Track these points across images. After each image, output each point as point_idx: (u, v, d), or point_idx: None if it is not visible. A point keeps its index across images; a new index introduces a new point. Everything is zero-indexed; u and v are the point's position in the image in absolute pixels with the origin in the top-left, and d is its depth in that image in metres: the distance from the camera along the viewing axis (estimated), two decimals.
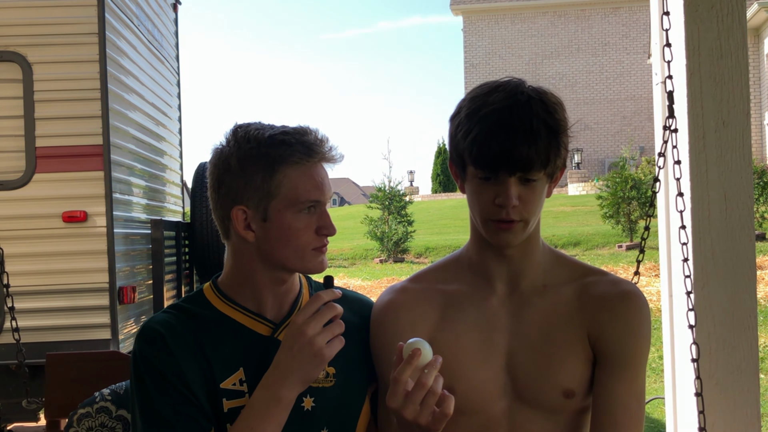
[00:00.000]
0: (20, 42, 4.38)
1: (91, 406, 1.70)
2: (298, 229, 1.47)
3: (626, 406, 1.50)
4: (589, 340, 1.53)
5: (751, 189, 1.92)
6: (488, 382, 1.52)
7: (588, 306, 1.54)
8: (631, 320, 1.53)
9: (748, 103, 1.89)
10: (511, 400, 1.53)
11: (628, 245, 12.72)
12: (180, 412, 1.42)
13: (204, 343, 1.48)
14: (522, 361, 1.53)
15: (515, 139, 1.41)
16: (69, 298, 4.31)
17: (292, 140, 1.47)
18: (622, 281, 1.58)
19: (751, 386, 1.91)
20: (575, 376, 1.52)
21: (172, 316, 1.51)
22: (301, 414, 1.50)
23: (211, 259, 5.89)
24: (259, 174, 1.46)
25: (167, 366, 1.44)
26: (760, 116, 19.44)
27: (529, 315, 1.54)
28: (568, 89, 30.51)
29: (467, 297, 1.57)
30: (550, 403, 1.52)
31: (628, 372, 1.52)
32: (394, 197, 15.26)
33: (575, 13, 30.55)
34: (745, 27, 1.90)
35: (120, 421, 1.68)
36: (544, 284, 1.56)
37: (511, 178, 1.43)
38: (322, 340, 1.39)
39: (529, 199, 1.46)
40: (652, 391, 5.87)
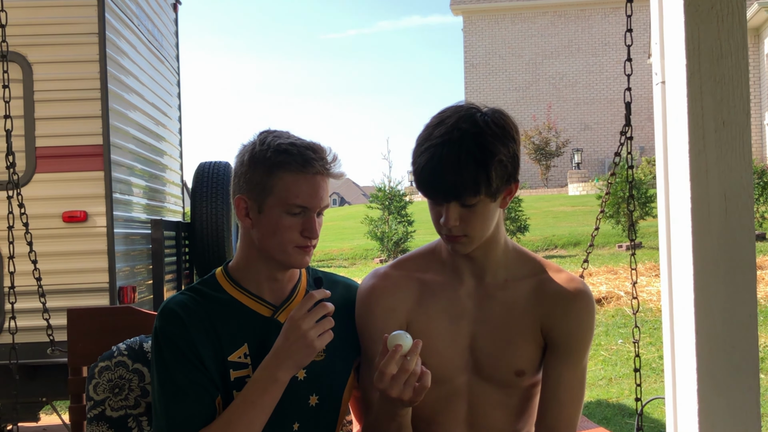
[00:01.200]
0: (20, 42, 4.38)
1: (110, 360, 1.91)
2: (284, 226, 1.72)
3: (570, 387, 1.78)
4: (541, 330, 1.79)
5: (751, 189, 1.92)
6: (454, 358, 1.79)
7: (543, 301, 1.79)
8: (579, 315, 1.79)
9: (748, 103, 1.89)
10: (471, 374, 1.80)
11: (628, 245, 12.72)
12: (192, 380, 1.68)
13: (215, 322, 1.73)
14: (483, 343, 1.79)
15: (443, 173, 1.63)
16: (69, 298, 4.31)
17: (295, 151, 1.72)
18: (574, 279, 1.81)
19: (751, 386, 1.91)
20: (527, 358, 1.79)
21: (188, 297, 1.76)
22: (294, 382, 1.75)
23: (211, 259, 5.89)
24: (260, 172, 1.72)
25: (183, 341, 1.69)
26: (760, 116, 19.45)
27: (491, 306, 1.80)
28: (568, 89, 30.52)
29: (440, 287, 1.82)
30: (503, 379, 1.80)
31: (573, 358, 1.78)
32: (394, 197, 15.27)
33: (575, 13, 30.56)
34: (745, 27, 1.90)
35: (136, 373, 1.90)
36: (506, 279, 1.81)
37: (450, 204, 1.67)
38: (314, 334, 1.65)
39: (470, 219, 1.68)
40: (652, 391, 5.88)
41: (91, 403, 1.90)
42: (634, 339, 2.63)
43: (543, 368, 1.81)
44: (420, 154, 1.67)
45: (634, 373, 2.61)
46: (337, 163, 1.77)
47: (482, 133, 1.65)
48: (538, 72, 30.70)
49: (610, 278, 9.96)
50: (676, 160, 1.95)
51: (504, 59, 30.88)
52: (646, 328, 7.63)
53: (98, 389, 1.90)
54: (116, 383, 1.89)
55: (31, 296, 3.58)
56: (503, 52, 30.88)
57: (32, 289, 3.50)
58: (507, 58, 30.88)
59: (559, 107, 30.08)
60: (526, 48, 30.83)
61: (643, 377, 5.65)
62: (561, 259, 13.03)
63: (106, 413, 1.88)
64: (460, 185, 1.64)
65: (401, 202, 15.18)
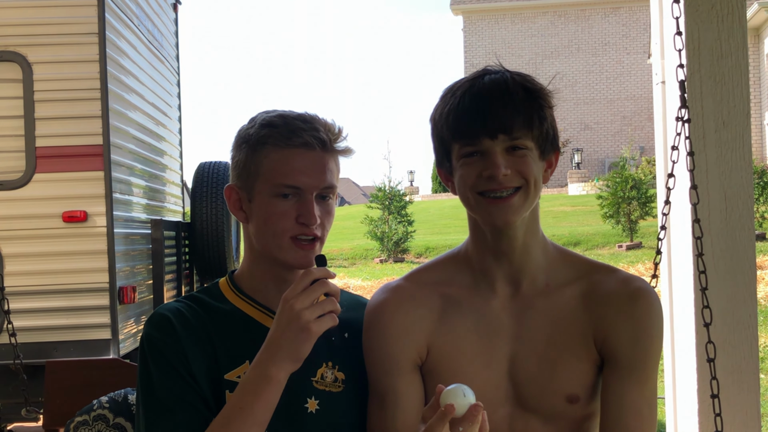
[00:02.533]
0: (20, 42, 4.38)
1: (89, 414, 1.67)
2: (276, 213, 1.45)
3: (638, 412, 1.43)
4: (594, 343, 1.46)
5: (751, 189, 1.92)
6: (489, 388, 1.44)
7: (594, 306, 1.46)
8: (641, 320, 1.45)
9: (748, 103, 1.89)
10: (512, 406, 1.47)
11: (628, 245, 12.71)
12: (182, 398, 1.41)
13: (213, 334, 1.47)
14: (524, 366, 1.46)
15: (490, 99, 1.38)
16: (69, 298, 4.31)
17: (280, 122, 1.46)
18: (633, 278, 1.50)
19: (751, 386, 1.91)
20: (579, 380, 1.46)
21: (184, 305, 1.50)
22: (303, 415, 1.47)
23: (211, 259, 5.89)
24: (243, 153, 1.48)
25: (173, 352, 1.43)
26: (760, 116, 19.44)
27: (531, 318, 1.47)
28: (568, 89, 30.50)
29: (467, 299, 1.49)
30: (552, 409, 1.46)
31: (638, 375, 1.44)
32: (394, 197, 15.26)
33: (575, 13, 30.54)
34: (745, 27, 1.90)
35: (117, 429, 1.66)
36: (546, 284, 1.48)
37: (497, 146, 1.38)
38: (310, 314, 1.33)
39: (522, 167, 1.39)
40: None
41: None
42: None
43: (602, 392, 1.47)
44: (450, 98, 1.42)
45: None
46: (340, 137, 1.48)
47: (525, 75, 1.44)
48: (538, 72, 30.55)
49: None
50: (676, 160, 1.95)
51: (504, 59, 30.26)
52: None
53: None
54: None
55: (32, 296, 3.58)
56: (503, 52, 30.86)
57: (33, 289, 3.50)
58: (507, 59, 30.79)
59: (559, 107, 29.81)
60: (526, 48, 30.83)
61: None
62: None
63: None
64: (512, 113, 1.37)
65: (401, 202, 15.17)
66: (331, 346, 1.53)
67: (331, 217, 1.51)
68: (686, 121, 1.88)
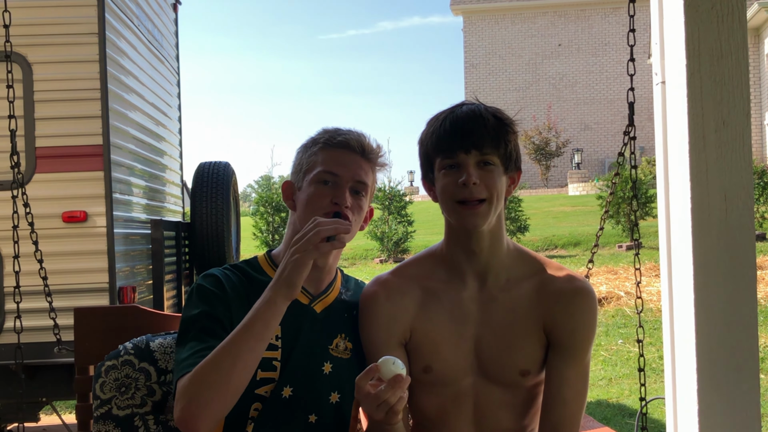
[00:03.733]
0: (20, 42, 4.37)
1: (117, 359, 1.92)
2: (315, 195, 1.78)
3: (573, 385, 1.80)
4: (544, 329, 1.81)
5: (751, 189, 1.92)
6: (458, 362, 1.81)
7: (545, 300, 1.80)
8: (582, 313, 1.80)
9: (748, 103, 1.89)
10: (476, 376, 1.82)
11: (628, 245, 12.73)
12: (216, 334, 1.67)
13: (252, 298, 1.69)
14: (487, 346, 1.81)
15: (467, 122, 1.72)
16: (69, 298, 4.30)
17: (332, 130, 1.84)
18: (575, 278, 1.83)
19: (751, 386, 1.91)
20: (531, 358, 1.81)
21: (231, 272, 1.80)
22: (320, 376, 1.80)
23: (211, 259, 5.88)
24: (300, 154, 1.85)
25: (220, 303, 1.72)
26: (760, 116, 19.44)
27: (494, 308, 1.81)
28: (568, 89, 30.51)
29: (443, 291, 1.83)
30: (509, 379, 1.81)
31: (576, 356, 1.80)
32: (394, 197, 15.27)
33: (575, 13, 30.56)
34: (745, 27, 1.90)
35: (142, 372, 1.91)
36: (507, 279, 1.82)
37: (470, 159, 1.71)
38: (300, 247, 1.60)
39: (489, 180, 1.72)
40: (652, 391, 5.88)
41: (97, 402, 1.90)
42: (638, 339, 2.62)
43: (546, 366, 1.83)
44: (436, 120, 1.77)
45: (639, 373, 2.61)
46: (381, 152, 1.85)
47: (497, 109, 1.78)
48: (538, 72, 30.69)
49: (610, 278, 9.97)
50: (676, 160, 1.95)
51: (504, 59, 30.88)
52: (646, 328, 7.63)
53: (105, 388, 1.90)
54: (123, 382, 1.90)
55: (32, 296, 3.58)
56: (503, 52, 30.88)
57: (33, 288, 3.49)
58: (507, 59, 30.88)
59: (559, 107, 30.08)
60: (526, 48, 30.84)
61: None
62: (561, 259, 13.02)
63: (112, 412, 1.89)
64: (483, 133, 1.71)
65: (401, 202, 15.19)
66: (345, 320, 1.88)
67: (361, 212, 1.84)
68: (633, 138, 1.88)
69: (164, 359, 1.93)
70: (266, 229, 15.44)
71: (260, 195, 16.09)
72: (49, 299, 3.28)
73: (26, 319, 3.20)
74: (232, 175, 6.24)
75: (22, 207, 3.16)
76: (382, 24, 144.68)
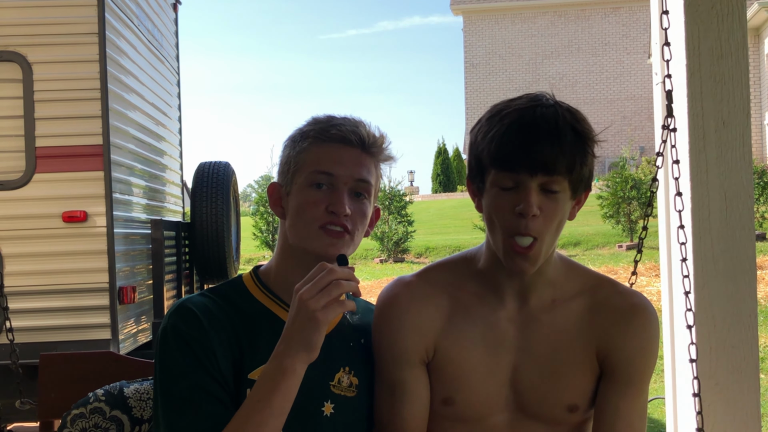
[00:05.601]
0: (20, 42, 4.38)
1: (85, 407, 1.68)
2: (308, 201, 1.48)
3: (630, 423, 1.50)
4: (597, 356, 1.52)
5: (751, 189, 1.92)
6: (490, 395, 1.50)
7: (598, 321, 1.51)
8: (641, 337, 1.51)
9: (748, 103, 1.89)
10: (512, 412, 1.52)
11: (628, 245, 12.72)
12: (207, 391, 1.41)
13: (239, 332, 1.47)
14: (527, 377, 1.51)
15: (538, 135, 1.37)
16: (69, 298, 4.31)
17: (324, 120, 1.52)
18: (633, 294, 1.55)
19: (751, 386, 1.91)
20: (581, 391, 1.52)
21: (210, 300, 1.49)
22: (320, 419, 1.49)
23: (211, 259, 5.88)
24: (288, 148, 1.53)
25: (200, 345, 1.42)
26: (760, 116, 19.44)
27: (537, 332, 1.51)
28: (568, 89, 30.49)
29: (475, 307, 1.52)
30: (552, 416, 1.51)
31: (633, 388, 1.51)
32: (394, 197, 15.27)
33: (575, 13, 30.54)
34: (745, 27, 1.90)
35: (114, 421, 1.67)
36: (553, 299, 1.52)
37: (533, 182, 1.38)
38: (315, 304, 1.33)
39: (551, 212, 1.40)
40: (652, 391, 5.87)
41: None
42: None
43: (597, 401, 1.52)
44: (497, 122, 1.40)
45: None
46: (384, 144, 1.53)
47: (575, 110, 1.44)
48: (538, 72, 30.69)
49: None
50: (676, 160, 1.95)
51: (504, 59, 30.88)
52: None
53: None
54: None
55: (32, 296, 3.58)
56: (503, 52, 30.88)
57: (33, 289, 3.49)
58: (507, 59, 30.88)
59: None
60: (526, 48, 30.83)
61: None
62: None
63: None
64: (557, 154, 1.36)
65: (401, 202, 15.18)
66: (349, 350, 1.56)
67: (364, 218, 1.53)
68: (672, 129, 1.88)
69: (139, 407, 1.69)
70: (266, 229, 15.44)
71: (260, 195, 16.10)
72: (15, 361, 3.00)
73: (26, 319, 3.20)
74: (232, 175, 6.24)
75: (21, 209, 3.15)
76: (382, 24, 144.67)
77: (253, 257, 15.75)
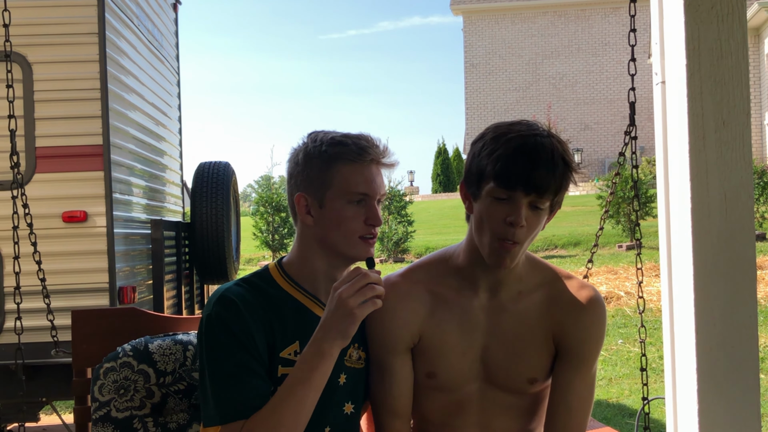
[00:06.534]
0: (20, 42, 4.37)
1: (115, 361, 1.91)
2: (347, 217, 1.73)
3: (580, 394, 1.79)
4: (553, 339, 1.80)
5: (751, 189, 1.92)
6: (465, 369, 1.80)
7: (555, 310, 1.79)
8: (591, 324, 1.80)
9: (748, 103, 1.89)
10: (482, 382, 1.81)
11: (628, 245, 12.73)
12: (248, 366, 1.65)
13: (271, 316, 1.71)
14: (495, 355, 1.80)
15: (537, 163, 1.63)
16: (69, 298, 4.30)
17: (349, 142, 1.74)
18: (585, 286, 1.82)
19: (751, 386, 1.91)
20: (539, 367, 1.81)
21: (245, 290, 1.73)
22: (336, 387, 1.77)
23: (211, 259, 5.88)
24: (317, 167, 1.74)
25: (241, 328, 1.66)
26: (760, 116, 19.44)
27: (504, 319, 1.79)
28: (568, 89, 30.50)
29: (453, 298, 1.81)
30: (515, 386, 1.81)
31: (583, 365, 1.80)
32: (394, 197, 15.27)
33: (575, 13, 30.55)
34: (745, 27, 1.90)
35: (141, 374, 1.90)
36: (519, 291, 1.80)
37: (525, 199, 1.65)
38: (353, 302, 1.60)
39: (533, 224, 1.68)
40: (652, 391, 5.88)
41: (96, 405, 1.89)
42: (640, 338, 2.63)
43: (553, 375, 1.82)
44: (502, 144, 1.65)
45: (641, 373, 2.61)
46: (389, 152, 1.79)
47: (563, 141, 1.71)
48: (538, 72, 30.70)
49: (610, 278, 9.97)
50: (676, 160, 1.95)
51: (504, 59, 30.88)
52: (647, 328, 7.63)
53: (103, 390, 1.89)
54: (121, 384, 1.89)
55: (32, 296, 3.58)
56: (503, 52, 30.88)
57: (33, 289, 3.49)
58: (507, 59, 30.88)
59: (559, 107, 30.09)
60: (526, 48, 30.83)
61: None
62: (561, 259, 13.03)
63: (111, 414, 1.88)
64: (551, 180, 1.64)
65: (401, 202, 15.19)
66: (359, 330, 1.80)
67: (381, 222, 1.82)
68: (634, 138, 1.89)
69: (163, 361, 1.92)
70: (266, 229, 15.44)
71: (260, 195, 16.09)
72: (47, 300, 3.27)
73: (26, 319, 3.20)
74: (232, 175, 6.24)
75: (21, 207, 3.15)
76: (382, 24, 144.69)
77: (253, 257, 15.75)
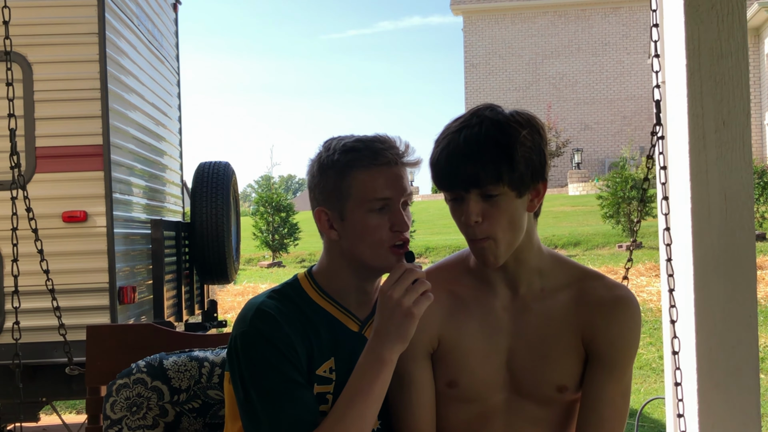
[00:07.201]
0: (20, 42, 4.36)
1: (129, 377, 1.84)
2: (371, 226, 1.62)
3: (612, 403, 1.64)
4: (582, 342, 1.66)
5: (751, 189, 1.92)
6: (489, 376, 1.66)
7: (584, 310, 1.65)
8: (623, 325, 1.65)
9: (748, 103, 1.89)
10: (509, 392, 1.67)
11: (628, 245, 12.72)
12: (299, 383, 1.55)
13: (308, 330, 1.62)
14: (520, 360, 1.66)
15: (461, 158, 1.53)
16: (69, 298, 4.30)
17: (361, 146, 1.63)
18: (617, 286, 1.68)
19: (751, 386, 1.91)
20: (568, 373, 1.66)
21: (280, 302, 1.63)
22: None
23: (211, 259, 5.88)
24: (332, 178, 1.64)
25: (283, 342, 1.56)
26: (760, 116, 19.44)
27: (528, 319, 1.66)
28: (568, 89, 30.50)
29: (473, 300, 1.68)
30: (544, 396, 1.67)
31: (617, 372, 1.65)
32: None
33: (575, 13, 30.54)
34: (745, 27, 1.90)
35: (154, 391, 1.83)
36: (542, 288, 1.67)
37: (470, 195, 1.55)
38: (408, 300, 1.52)
39: (493, 215, 1.55)
40: (653, 391, 5.88)
41: (107, 422, 1.83)
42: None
43: (584, 383, 1.67)
44: (436, 147, 1.58)
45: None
46: (410, 150, 1.66)
47: (505, 119, 1.55)
48: (538, 72, 30.69)
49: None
50: (676, 160, 1.96)
51: (504, 59, 30.87)
52: (647, 328, 7.63)
53: (115, 407, 1.83)
54: (134, 401, 1.82)
55: (32, 296, 3.58)
56: (503, 52, 30.88)
57: (33, 289, 3.49)
58: (507, 59, 30.87)
59: (559, 107, 30.08)
60: (526, 48, 30.83)
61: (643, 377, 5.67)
62: None
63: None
64: (479, 170, 1.52)
65: None
66: None
67: (411, 221, 1.70)
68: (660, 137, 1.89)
69: (178, 378, 1.85)
70: (266, 229, 15.44)
71: (260, 195, 16.09)
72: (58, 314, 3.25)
73: (26, 320, 3.20)
74: (232, 175, 6.24)
75: (23, 208, 3.15)
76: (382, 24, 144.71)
77: (253, 257, 15.75)
